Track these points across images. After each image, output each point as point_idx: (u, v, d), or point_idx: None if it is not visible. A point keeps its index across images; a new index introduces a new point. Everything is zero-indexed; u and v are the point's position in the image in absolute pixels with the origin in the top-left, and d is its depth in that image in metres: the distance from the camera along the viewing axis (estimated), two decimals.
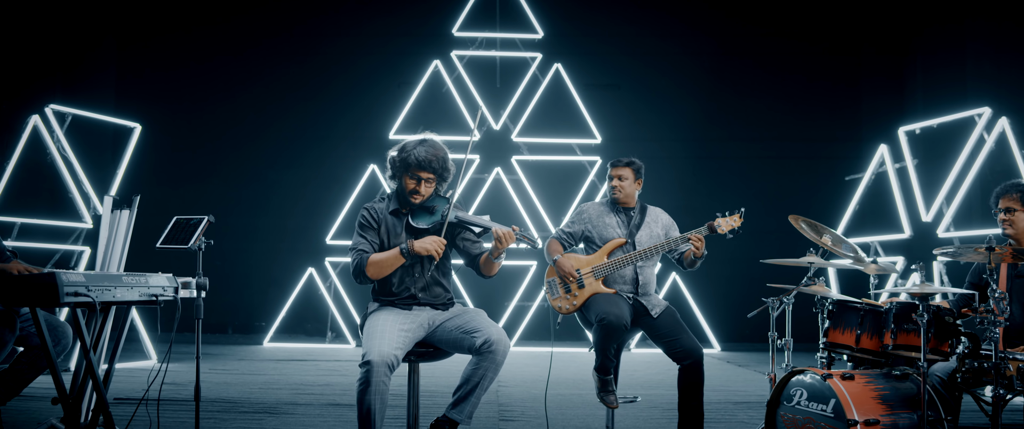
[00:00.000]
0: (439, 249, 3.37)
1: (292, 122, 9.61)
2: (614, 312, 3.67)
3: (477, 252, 3.60)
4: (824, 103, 9.67)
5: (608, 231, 4.05)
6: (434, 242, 3.38)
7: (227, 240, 9.53)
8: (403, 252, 3.36)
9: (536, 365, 7.35)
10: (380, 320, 3.33)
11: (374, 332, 3.25)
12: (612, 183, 4.10)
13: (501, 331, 3.32)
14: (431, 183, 3.50)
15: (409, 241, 3.41)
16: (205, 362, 7.17)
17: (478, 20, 9.39)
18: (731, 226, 3.84)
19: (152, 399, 4.81)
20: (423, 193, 3.48)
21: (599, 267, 3.94)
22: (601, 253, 3.99)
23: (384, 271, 3.38)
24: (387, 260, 3.37)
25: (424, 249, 3.36)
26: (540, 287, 8.84)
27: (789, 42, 9.60)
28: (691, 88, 9.65)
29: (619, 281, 3.95)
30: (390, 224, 3.51)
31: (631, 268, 3.96)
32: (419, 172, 3.45)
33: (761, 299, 3.77)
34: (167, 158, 9.31)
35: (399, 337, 3.26)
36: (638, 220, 4.11)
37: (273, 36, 9.66)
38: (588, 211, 4.15)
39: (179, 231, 3.14)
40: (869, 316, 3.38)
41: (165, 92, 9.54)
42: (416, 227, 3.46)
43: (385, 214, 3.54)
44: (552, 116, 9.30)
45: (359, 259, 3.40)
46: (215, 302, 9.53)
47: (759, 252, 8.01)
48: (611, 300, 3.81)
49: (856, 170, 8.65)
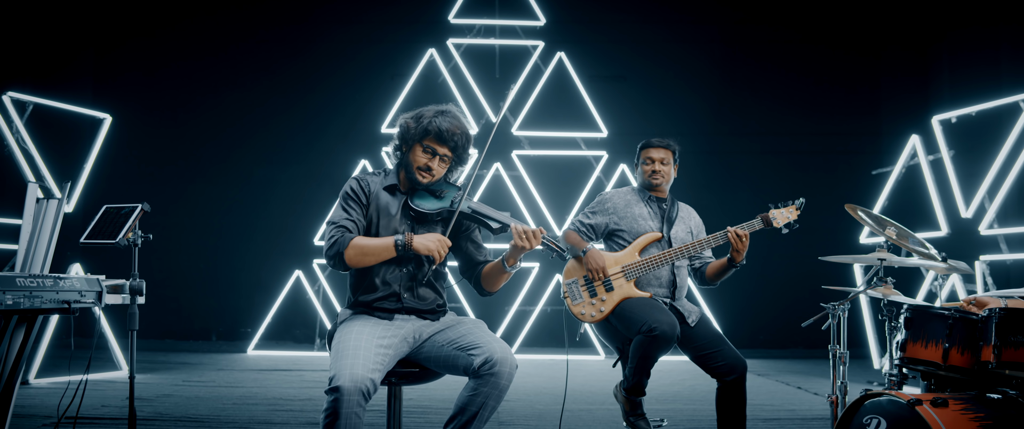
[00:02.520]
0: (442, 251, 2.74)
1: (279, 117, 9.03)
2: (665, 320, 3.08)
3: (481, 259, 2.97)
4: (840, 94, 9.12)
5: (639, 223, 3.46)
6: (437, 241, 2.74)
7: (212, 241, 9.01)
8: (398, 245, 2.73)
9: (540, 375, 6.77)
10: (354, 333, 2.67)
11: (345, 348, 2.60)
12: (648, 167, 3.52)
13: (506, 348, 2.67)
14: (446, 163, 2.88)
15: (408, 233, 2.77)
16: (180, 374, 6.58)
17: (476, 6, 8.82)
18: (787, 219, 3.28)
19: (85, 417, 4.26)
20: (435, 172, 2.86)
21: (631, 266, 3.35)
22: (631, 250, 3.41)
23: (366, 260, 2.75)
24: (374, 248, 2.74)
25: (425, 248, 2.72)
26: (543, 290, 8.27)
27: (802, 29, 9.06)
28: (701, 79, 9.11)
29: (653, 283, 3.37)
30: (383, 202, 2.89)
31: (668, 268, 3.38)
32: (436, 144, 2.83)
33: (820, 305, 3.18)
34: (148, 156, 8.78)
35: (377, 355, 2.61)
36: (672, 212, 3.54)
37: (258, 29, 9.08)
38: (613, 200, 3.56)
39: (107, 223, 2.52)
40: (960, 325, 2.80)
41: (146, 90, 8.99)
42: (417, 209, 2.83)
43: (379, 189, 2.91)
44: (555, 108, 8.73)
45: (339, 238, 2.76)
46: (199, 307, 9.09)
47: (772, 251, 7.52)
48: (653, 306, 3.22)
49: (877, 164, 8.15)
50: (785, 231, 3.34)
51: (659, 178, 3.51)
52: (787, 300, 8.69)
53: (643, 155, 3.60)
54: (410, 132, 2.87)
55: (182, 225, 8.81)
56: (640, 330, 3.10)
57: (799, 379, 6.75)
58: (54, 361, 6.03)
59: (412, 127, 2.87)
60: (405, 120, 2.91)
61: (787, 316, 8.78)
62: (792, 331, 8.92)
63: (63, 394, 3.06)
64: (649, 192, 3.57)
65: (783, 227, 3.34)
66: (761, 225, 3.35)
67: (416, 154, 2.86)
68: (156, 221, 9.59)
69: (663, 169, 3.53)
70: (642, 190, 3.58)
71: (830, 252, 3.45)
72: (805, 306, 9.09)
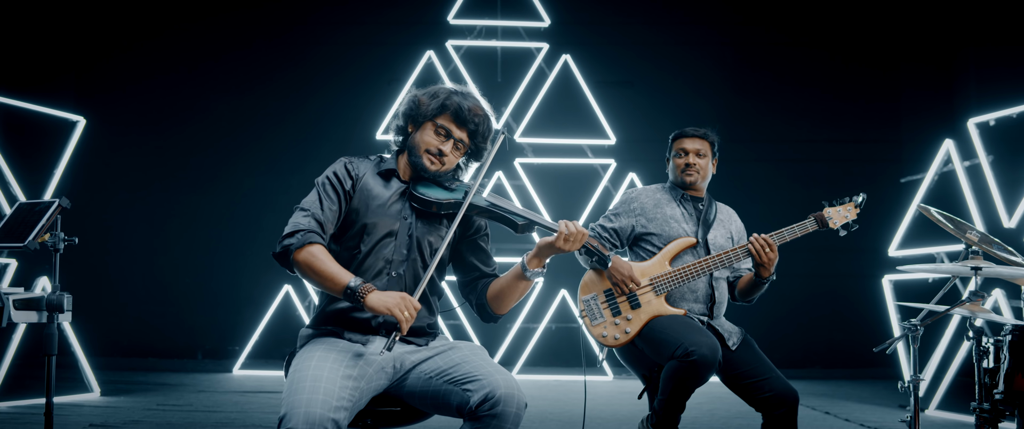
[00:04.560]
0: (406, 313, 2.13)
1: (272, 126, 8.58)
2: (705, 342, 2.56)
3: (488, 271, 2.44)
4: (857, 100, 8.70)
5: (671, 226, 2.95)
6: (401, 302, 2.14)
7: (201, 255, 8.52)
8: (349, 290, 2.17)
9: (544, 398, 6.26)
10: (314, 359, 2.13)
11: (302, 379, 2.06)
12: (680, 160, 3.02)
13: (512, 381, 2.11)
14: (460, 150, 2.40)
15: (365, 284, 2.18)
16: (156, 396, 6.08)
17: (477, 6, 8.36)
18: (845, 218, 2.79)
19: None
20: (448, 159, 2.37)
21: (661, 278, 2.83)
22: (661, 259, 2.89)
23: (311, 279, 2.23)
24: (326, 275, 2.19)
25: (383, 305, 2.13)
26: (548, 306, 7.75)
27: (815, 33, 8.63)
28: (711, 84, 8.67)
29: (688, 298, 2.87)
30: (372, 189, 2.37)
31: (704, 280, 2.88)
32: (454, 124, 2.37)
33: (902, 325, 2.68)
34: (135, 167, 8.35)
35: (343, 389, 2.07)
36: (709, 214, 3.03)
37: (251, 35, 8.65)
38: (640, 199, 3.05)
39: (18, 222, 2.01)
40: None
41: (133, 98, 8.52)
42: (422, 197, 2.32)
43: (370, 174, 2.41)
44: (560, 114, 8.26)
45: (299, 239, 2.23)
46: (185, 324, 8.58)
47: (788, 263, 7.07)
48: (688, 325, 2.70)
49: (897, 173, 7.70)
50: (843, 233, 2.86)
51: (693, 174, 3.01)
52: (805, 317, 8.23)
53: (676, 146, 3.09)
54: (421, 109, 2.40)
55: (171, 238, 8.38)
56: (674, 354, 2.58)
57: (825, 403, 6.26)
58: (23, 381, 5.54)
59: (425, 103, 2.40)
60: (416, 95, 2.43)
61: (805, 334, 8.40)
62: (810, 350, 8.46)
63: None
64: (683, 190, 3.07)
65: (840, 228, 2.85)
66: (815, 226, 2.86)
67: (426, 134, 2.38)
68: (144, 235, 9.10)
69: (699, 163, 3.02)
70: (674, 188, 3.08)
71: (852, 266, 2.96)
72: (826, 323, 8.59)
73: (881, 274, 6.93)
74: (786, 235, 2.85)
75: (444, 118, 2.38)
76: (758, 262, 2.78)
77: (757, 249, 2.76)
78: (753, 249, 2.77)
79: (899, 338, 2.66)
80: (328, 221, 2.32)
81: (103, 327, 7.67)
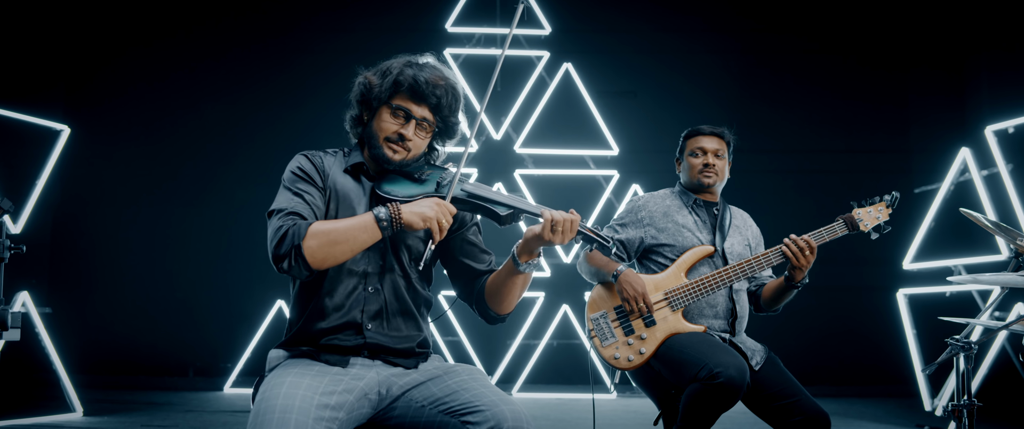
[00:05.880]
0: (446, 219, 1.91)
1: (264, 135, 8.34)
2: (731, 362, 2.31)
3: (484, 267, 2.15)
4: (866, 110, 8.49)
5: (684, 236, 2.70)
6: (436, 207, 1.90)
7: (192, 268, 8.26)
8: (381, 221, 1.90)
9: (546, 417, 6.01)
10: (285, 387, 1.84)
11: (268, 411, 1.77)
12: (697, 160, 2.77)
13: (519, 412, 1.84)
14: (426, 131, 2.09)
15: (393, 204, 1.92)
16: (141, 416, 5.83)
17: (476, 14, 8.16)
18: (877, 220, 2.55)
19: None
20: (411, 145, 2.07)
21: (677, 292, 2.59)
22: (676, 271, 2.65)
23: (339, 252, 1.92)
24: (347, 232, 1.90)
25: (421, 218, 1.88)
26: (549, 321, 7.49)
27: (824, 41, 8.42)
28: (714, 93, 8.45)
29: (707, 313, 2.62)
30: (343, 188, 2.10)
31: (724, 293, 2.64)
32: (411, 102, 2.06)
33: (945, 340, 2.44)
34: (122, 178, 8.10)
35: (318, 422, 1.79)
36: (724, 220, 2.79)
37: (244, 41, 8.43)
38: (648, 207, 2.80)
39: None
40: None
41: (120, 107, 8.29)
42: (387, 197, 2.01)
43: (336, 170, 2.13)
44: (561, 124, 8.04)
45: (291, 228, 1.95)
46: (176, 340, 8.31)
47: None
48: (710, 343, 2.45)
49: (908, 183, 7.47)
50: (874, 236, 2.62)
51: (712, 175, 2.77)
52: (814, 331, 7.97)
53: (690, 145, 2.84)
54: (373, 91, 2.12)
55: (161, 251, 8.13)
56: (697, 376, 2.33)
57: (837, 422, 6.00)
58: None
59: (376, 84, 2.11)
60: (365, 77, 2.14)
61: (814, 349, 8.13)
62: (819, 366, 8.20)
63: None
64: (695, 195, 2.83)
65: (871, 231, 2.61)
66: (845, 230, 2.62)
67: (383, 120, 2.09)
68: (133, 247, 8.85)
69: (717, 164, 2.79)
70: (685, 193, 2.84)
71: (864, 278, 2.72)
72: (836, 338, 8.32)
73: (895, 287, 6.70)
74: (813, 240, 2.62)
75: (399, 97, 2.10)
76: (794, 266, 2.54)
77: (795, 252, 2.53)
78: (789, 252, 2.53)
79: (947, 356, 2.41)
80: (312, 207, 2.05)
81: (90, 343, 7.44)
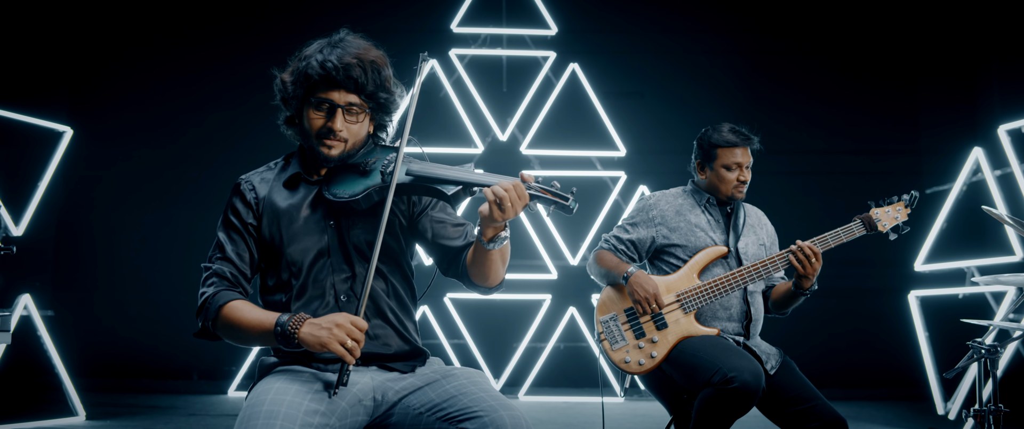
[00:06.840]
0: (354, 342, 1.73)
1: (266, 136, 8.23)
2: (746, 367, 2.24)
3: (460, 242, 2.02)
4: (873, 110, 8.39)
5: (697, 236, 2.63)
6: (340, 330, 1.73)
7: (195, 271, 8.15)
8: (278, 330, 1.78)
9: (553, 421, 5.94)
10: (271, 395, 1.75)
11: (254, 417, 1.69)
12: (731, 175, 2.67)
13: (518, 416, 1.77)
14: (357, 115, 1.96)
15: (296, 316, 1.79)
16: (144, 420, 5.79)
17: (482, 14, 8.10)
18: (895, 220, 2.47)
19: None
20: (344, 135, 1.93)
21: (689, 294, 2.52)
22: (688, 272, 2.57)
23: (240, 342, 1.85)
24: (249, 330, 1.82)
25: (315, 340, 1.73)
26: (556, 324, 7.43)
27: (831, 42, 8.34)
28: (723, 93, 8.37)
29: (720, 316, 2.55)
30: (279, 206, 1.96)
31: (738, 295, 2.57)
32: (330, 91, 1.93)
33: (967, 343, 2.36)
34: (126, 181, 8.05)
35: (303, 427, 1.71)
36: (738, 219, 2.72)
37: (246, 45, 8.36)
38: (659, 206, 2.72)
39: None
40: None
41: (124, 109, 8.23)
42: (338, 202, 1.89)
43: (269, 190, 1.98)
44: (567, 125, 7.98)
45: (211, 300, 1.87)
46: (180, 344, 8.20)
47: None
48: (724, 346, 2.39)
49: (917, 184, 7.37)
50: (893, 237, 2.54)
51: (744, 190, 2.71)
52: (823, 334, 7.88)
53: (724, 157, 2.73)
54: (289, 90, 2.01)
55: (164, 254, 8.07)
56: (711, 380, 2.26)
57: (853, 427, 5.91)
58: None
59: (288, 81, 2.00)
60: (280, 77, 2.04)
61: (823, 351, 8.02)
62: (829, 369, 8.09)
63: None
64: (709, 194, 2.76)
65: (889, 231, 2.54)
66: (862, 230, 2.55)
67: (308, 118, 1.97)
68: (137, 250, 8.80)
69: (749, 177, 2.73)
70: (697, 192, 2.77)
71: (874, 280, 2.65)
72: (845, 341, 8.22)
73: (906, 289, 6.61)
74: (830, 241, 2.54)
75: (316, 89, 1.97)
76: (800, 273, 2.47)
77: (801, 260, 2.45)
78: (795, 260, 2.46)
79: (971, 360, 2.33)
80: (236, 264, 1.95)
81: (93, 346, 7.39)
